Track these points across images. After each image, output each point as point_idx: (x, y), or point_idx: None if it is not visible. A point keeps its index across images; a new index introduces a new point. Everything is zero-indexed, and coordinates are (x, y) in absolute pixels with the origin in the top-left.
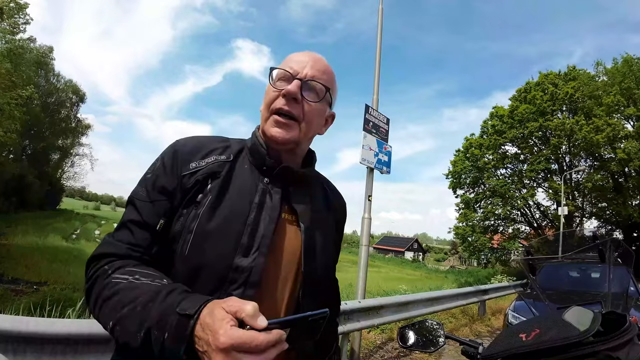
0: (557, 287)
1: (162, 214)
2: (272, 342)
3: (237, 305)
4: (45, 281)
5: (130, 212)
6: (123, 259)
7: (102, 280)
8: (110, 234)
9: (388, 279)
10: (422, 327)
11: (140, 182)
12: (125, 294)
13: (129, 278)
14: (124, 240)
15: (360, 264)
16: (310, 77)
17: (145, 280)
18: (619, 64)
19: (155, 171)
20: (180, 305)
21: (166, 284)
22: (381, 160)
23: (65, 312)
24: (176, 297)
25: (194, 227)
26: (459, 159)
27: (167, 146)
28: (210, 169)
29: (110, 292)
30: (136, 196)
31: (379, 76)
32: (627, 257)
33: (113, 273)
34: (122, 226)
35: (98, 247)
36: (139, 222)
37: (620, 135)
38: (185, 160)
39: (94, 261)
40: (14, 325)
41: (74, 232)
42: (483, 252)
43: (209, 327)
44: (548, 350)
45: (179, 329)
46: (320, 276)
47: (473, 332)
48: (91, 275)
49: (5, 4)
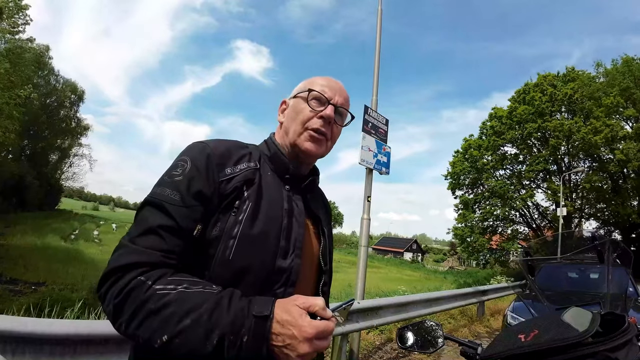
0: (556, 288)
1: (198, 219)
2: (334, 328)
3: (309, 301)
4: (44, 281)
5: (158, 216)
6: (157, 268)
7: (141, 293)
8: (130, 240)
9: (387, 279)
10: (421, 327)
11: (166, 184)
12: (180, 305)
13: (178, 288)
14: (156, 247)
15: (359, 264)
16: (340, 104)
17: (197, 289)
18: (619, 65)
19: (187, 174)
20: (253, 308)
21: (221, 290)
22: (380, 161)
23: (64, 313)
24: (241, 301)
25: (236, 232)
26: (458, 160)
27: (190, 148)
28: (245, 176)
29: (158, 305)
30: (166, 200)
31: (378, 77)
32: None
33: (154, 284)
34: (148, 232)
35: (120, 256)
36: (173, 228)
37: (619, 136)
38: (219, 165)
39: (118, 272)
40: (13, 325)
41: (73, 232)
42: (482, 253)
43: (290, 323)
44: (547, 350)
45: (258, 330)
46: (331, 272)
47: (472, 333)
48: (122, 289)
49: (5, 4)
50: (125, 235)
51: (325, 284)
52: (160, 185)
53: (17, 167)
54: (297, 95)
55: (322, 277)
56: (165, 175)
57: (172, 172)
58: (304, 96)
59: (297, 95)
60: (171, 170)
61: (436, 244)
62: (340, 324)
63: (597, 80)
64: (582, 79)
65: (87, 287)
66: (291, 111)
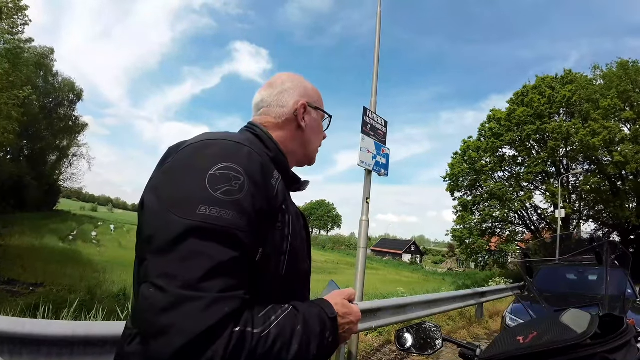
0: (555, 290)
1: (261, 242)
2: None
3: (346, 292)
4: (42, 282)
5: (225, 249)
6: (243, 310)
7: (248, 344)
8: (195, 288)
9: (386, 281)
10: (419, 329)
11: (225, 204)
12: (283, 338)
13: (273, 322)
14: (235, 287)
15: (358, 266)
16: None
17: (283, 315)
18: (614, 68)
19: (247, 191)
20: (324, 312)
21: (294, 307)
22: (379, 162)
23: (61, 314)
24: (311, 309)
25: (286, 248)
26: (457, 162)
27: (235, 154)
28: (282, 185)
29: (266, 347)
30: (234, 226)
31: (377, 79)
32: (624, 260)
33: (254, 329)
34: (221, 268)
35: (202, 313)
36: (243, 260)
37: (617, 138)
38: (268, 177)
39: (209, 333)
40: (11, 326)
41: (71, 233)
42: (481, 255)
43: (347, 313)
44: (546, 352)
45: (334, 328)
46: None
47: (471, 335)
48: (225, 348)
49: (4, 4)
50: (171, 279)
51: None
52: (214, 204)
53: (16, 168)
54: (318, 108)
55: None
56: (214, 190)
57: (225, 188)
58: (323, 116)
59: (319, 110)
60: (220, 183)
61: (435, 246)
62: None
63: (594, 83)
64: (580, 81)
65: (85, 288)
66: (316, 125)
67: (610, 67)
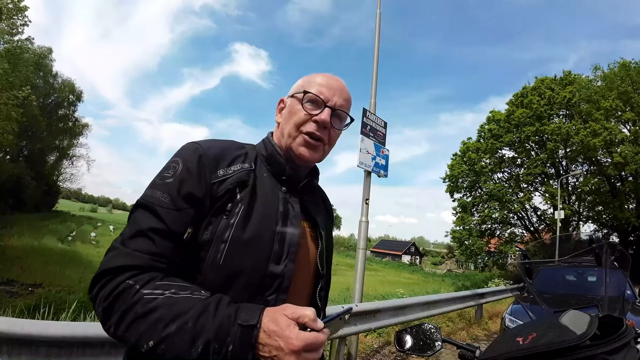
0: (554, 291)
1: (189, 222)
2: (326, 340)
3: (298, 312)
4: (40, 283)
5: (148, 219)
6: (147, 271)
7: (130, 296)
8: (120, 243)
9: (385, 282)
10: (419, 330)
11: (157, 186)
12: (167, 310)
13: (165, 293)
14: (144, 250)
15: (358, 267)
16: (338, 106)
17: (185, 294)
18: (616, 69)
19: (178, 176)
20: (239, 316)
21: (209, 296)
22: (379, 163)
23: (60, 315)
24: (228, 308)
25: (228, 236)
26: (456, 163)
27: (183, 149)
28: (238, 177)
29: (145, 309)
30: (156, 202)
31: (377, 80)
32: (623, 261)
33: (142, 288)
34: (138, 234)
35: (111, 259)
36: (163, 231)
37: (617, 139)
38: (212, 167)
39: (108, 275)
40: (9, 327)
41: (70, 234)
42: (480, 256)
43: (277, 334)
44: (545, 353)
45: (244, 338)
46: (329, 277)
47: (470, 336)
48: (111, 291)
49: (4, 4)
50: (118, 237)
51: (322, 289)
52: (151, 187)
53: (15, 168)
54: (293, 95)
55: (319, 282)
56: (157, 177)
57: (163, 174)
58: (299, 97)
59: (294, 95)
60: (163, 172)
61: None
62: (334, 333)
63: (594, 84)
64: (580, 82)
65: (84, 289)
66: (288, 112)
67: (612, 67)
